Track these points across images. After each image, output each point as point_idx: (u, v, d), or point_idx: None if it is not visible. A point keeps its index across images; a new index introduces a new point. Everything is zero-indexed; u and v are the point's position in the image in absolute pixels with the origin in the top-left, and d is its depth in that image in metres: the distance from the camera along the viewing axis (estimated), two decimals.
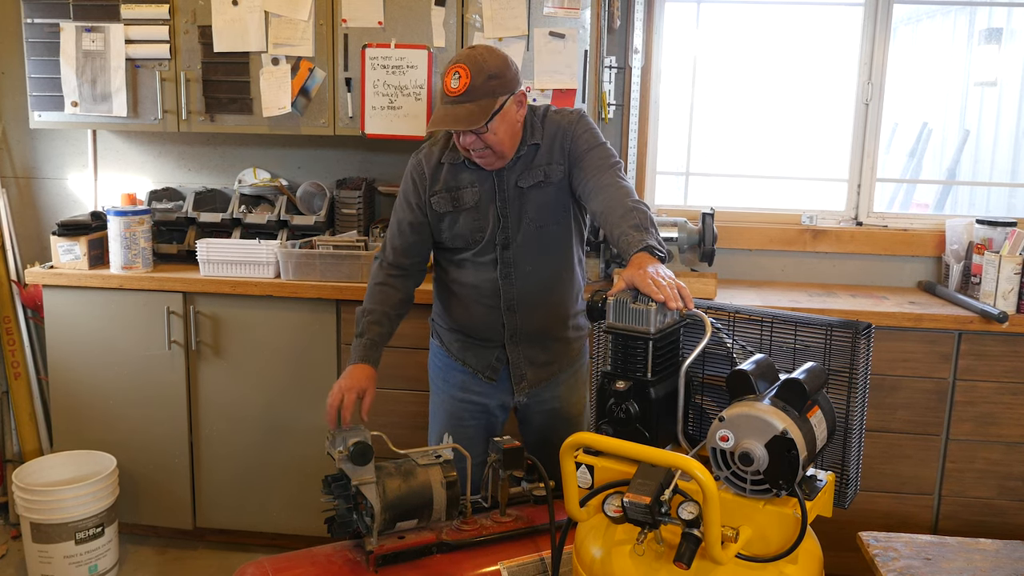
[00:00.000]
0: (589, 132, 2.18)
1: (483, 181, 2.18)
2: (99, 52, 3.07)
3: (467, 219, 2.19)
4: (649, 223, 1.94)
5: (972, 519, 2.90)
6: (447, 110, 2.03)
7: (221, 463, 3.11)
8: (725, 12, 3.56)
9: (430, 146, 2.26)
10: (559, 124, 2.19)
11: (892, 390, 2.85)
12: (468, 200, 2.19)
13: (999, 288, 2.83)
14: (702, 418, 1.73)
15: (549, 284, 2.25)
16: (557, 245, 2.24)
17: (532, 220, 2.18)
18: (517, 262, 2.20)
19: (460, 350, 2.33)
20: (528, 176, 2.17)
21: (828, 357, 1.60)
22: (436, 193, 2.21)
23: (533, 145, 2.17)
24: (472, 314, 2.27)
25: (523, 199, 2.18)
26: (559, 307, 2.28)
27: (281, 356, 3.02)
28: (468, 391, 2.33)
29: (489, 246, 2.20)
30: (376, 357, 2.21)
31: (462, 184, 2.19)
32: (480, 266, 2.22)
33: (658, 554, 1.48)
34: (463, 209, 2.19)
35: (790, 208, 3.44)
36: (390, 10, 2.95)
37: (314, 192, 3.34)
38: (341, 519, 1.85)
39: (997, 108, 3.88)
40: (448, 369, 2.37)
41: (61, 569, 2.84)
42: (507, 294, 2.22)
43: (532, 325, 2.25)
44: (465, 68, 2.02)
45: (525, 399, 2.32)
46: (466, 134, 2.06)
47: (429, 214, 2.23)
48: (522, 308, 2.23)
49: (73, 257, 3.08)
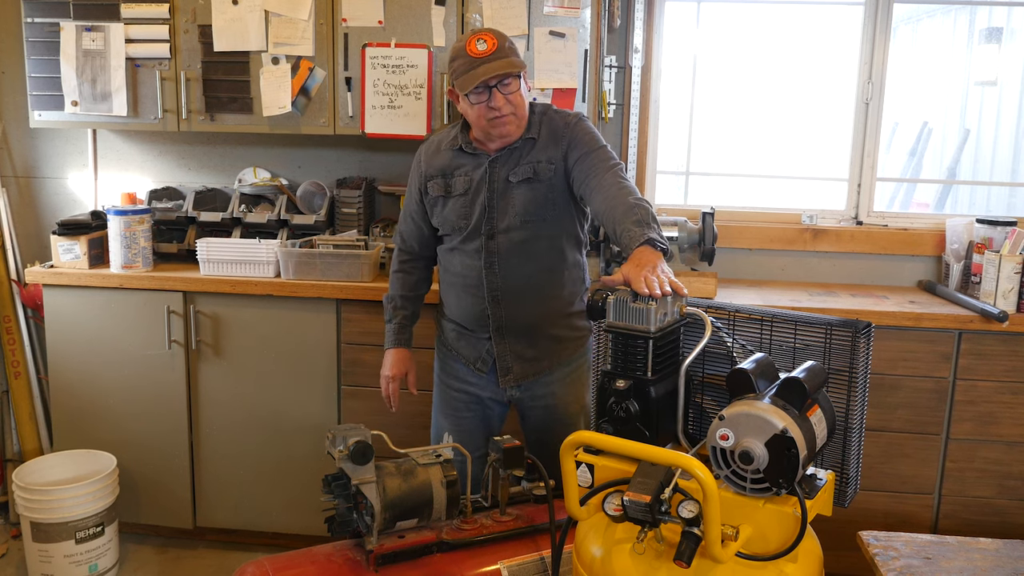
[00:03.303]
0: (589, 135, 2.22)
1: (475, 170, 2.26)
2: (99, 51, 3.07)
3: (455, 205, 2.28)
4: (651, 219, 1.96)
5: (972, 518, 2.90)
6: (485, 66, 2.10)
7: (221, 462, 3.11)
8: (725, 12, 3.55)
9: (438, 135, 2.39)
10: (557, 125, 2.24)
11: (892, 389, 2.85)
12: (458, 187, 2.27)
13: (999, 287, 2.83)
14: (702, 417, 1.73)
15: (536, 280, 2.28)
16: (545, 242, 2.27)
17: (519, 214, 2.23)
18: (502, 253, 2.25)
19: (455, 340, 2.40)
20: (518, 171, 2.22)
21: (828, 356, 1.60)
22: (432, 179, 2.32)
23: (529, 139, 2.24)
24: (461, 303, 2.34)
25: (511, 192, 2.23)
26: (547, 304, 2.30)
27: (281, 355, 3.02)
28: (463, 381, 2.40)
29: (475, 235, 2.26)
30: (407, 338, 2.46)
31: (455, 172, 2.28)
32: (466, 254, 2.29)
33: (658, 553, 1.48)
34: (453, 195, 2.28)
35: (790, 207, 3.44)
36: (390, 9, 2.95)
37: (314, 191, 3.34)
38: (341, 518, 1.85)
39: (997, 107, 3.88)
40: (446, 359, 2.45)
41: (61, 568, 2.84)
42: (491, 284, 2.27)
43: (518, 319, 2.29)
44: (489, 34, 2.14)
45: (517, 392, 2.35)
46: (497, 94, 2.12)
47: (425, 200, 2.34)
48: (506, 300, 2.28)
49: (73, 256, 3.08)
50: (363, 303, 2.93)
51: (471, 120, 2.22)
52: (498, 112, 2.14)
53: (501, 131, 2.18)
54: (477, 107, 2.15)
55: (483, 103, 2.14)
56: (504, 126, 2.17)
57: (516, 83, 2.16)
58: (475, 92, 2.13)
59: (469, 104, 2.16)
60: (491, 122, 2.16)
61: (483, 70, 2.09)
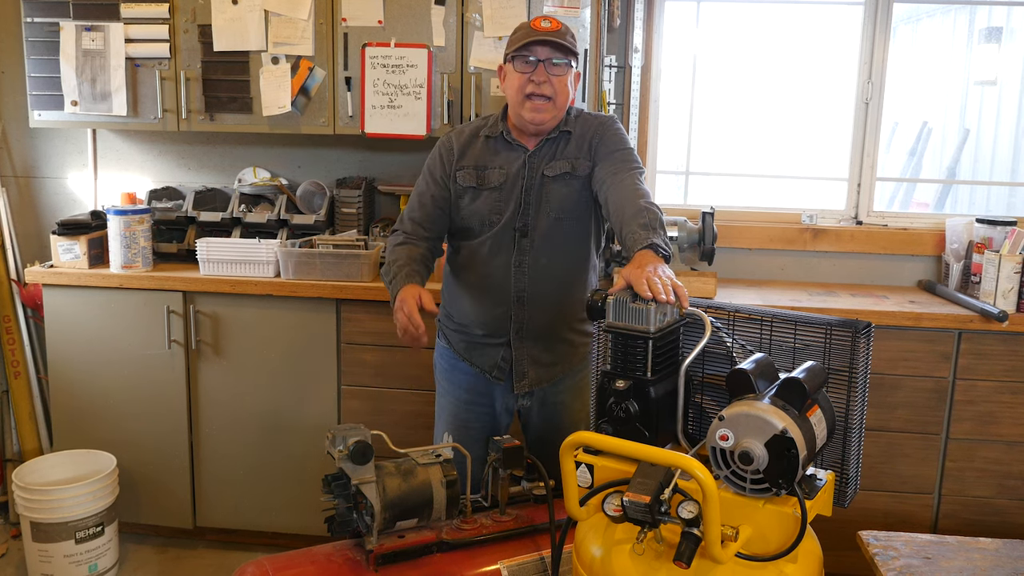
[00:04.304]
0: (618, 135, 2.22)
1: (511, 163, 2.21)
2: (99, 51, 3.07)
3: (489, 198, 2.22)
4: (658, 224, 1.96)
5: (972, 518, 2.90)
6: (542, 37, 2.11)
7: (221, 462, 3.11)
8: (725, 11, 3.55)
9: (471, 124, 2.33)
10: (591, 123, 2.24)
11: (892, 389, 2.85)
12: (493, 180, 2.21)
13: (999, 287, 2.83)
14: (702, 417, 1.73)
15: (562, 281, 2.25)
16: (575, 242, 2.25)
17: (553, 210, 2.19)
18: (533, 252, 2.21)
19: (466, 349, 2.32)
20: (555, 166, 2.19)
21: (828, 356, 1.60)
22: (463, 168, 2.24)
23: (565, 132, 2.21)
24: (479, 306, 2.27)
25: (547, 188, 2.19)
26: (569, 307, 2.27)
27: (281, 355, 3.02)
28: (473, 392, 2.33)
29: (507, 231, 2.21)
30: (416, 281, 2.15)
31: (490, 163, 2.22)
32: (493, 252, 2.22)
33: (658, 553, 1.48)
34: (486, 187, 2.22)
35: (790, 207, 3.44)
36: (390, 9, 2.95)
37: (314, 191, 3.34)
38: (341, 518, 1.84)
39: (997, 107, 3.88)
40: (454, 370, 2.36)
41: (61, 568, 2.84)
42: (518, 284, 2.22)
43: (539, 322, 2.24)
44: (555, 19, 2.14)
45: (527, 401, 2.31)
46: (542, 69, 2.12)
47: (452, 188, 2.26)
48: (532, 302, 2.23)
49: (73, 256, 3.08)
50: (363, 303, 2.93)
51: (510, 94, 2.17)
52: (537, 88, 2.11)
53: (535, 116, 2.14)
54: (519, 75, 2.13)
55: (527, 73, 2.12)
56: (539, 110, 2.13)
57: (565, 70, 2.14)
58: (522, 60, 2.12)
59: (513, 70, 2.14)
60: (528, 99, 2.13)
61: (539, 38, 2.11)
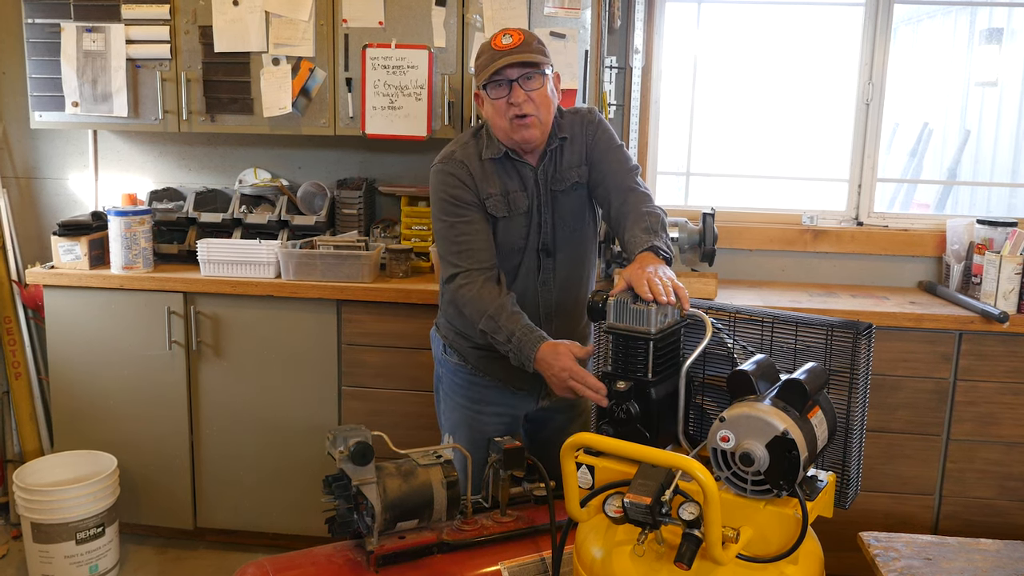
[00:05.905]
0: (608, 134, 2.18)
1: (526, 184, 2.13)
2: (100, 52, 3.07)
3: (517, 224, 2.13)
4: (660, 227, 1.95)
5: (972, 519, 2.90)
6: (507, 57, 1.99)
7: (221, 463, 3.11)
8: (725, 12, 3.55)
9: (462, 148, 2.15)
10: (577, 124, 2.17)
11: (893, 390, 2.84)
12: (521, 204, 2.12)
13: (1000, 288, 2.83)
14: (703, 418, 1.73)
15: (580, 289, 2.24)
16: (585, 249, 2.23)
17: (567, 224, 2.17)
18: (556, 268, 2.18)
19: (487, 364, 2.23)
20: (561, 179, 2.14)
21: (829, 357, 1.60)
22: (490, 196, 2.11)
23: (562, 138, 2.14)
24: None
25: (559, 203, 2.15)
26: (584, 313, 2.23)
27: (281, 356, 3.01)
28: (495, 404, 2.27)
29: (532, 253, 2.16)
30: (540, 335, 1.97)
31: (510, 188, 2.12)
32: (519, 276, 2.17)
33: (659, 554, 1.48)
34: (517, 213, 2.13)
35: (790, 208, 3.44)
36: (390, 10, 2.95)
37: (315, 192, 3.34)
38: (342, 519, 1.84)
39: (998, 108, 3.88)
40: (471, 386, 2.28)
41: (62, 569, 2.84)
42: (545, 303, 2.19)
43: (566, 332, 2.16)
44: (515, 31, 2.04)
45: (548, 403, 2.28)
46: (517, 90, 2.00)
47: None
48: (559, 317, 2.21)
49: (74, 257, 3.08)
50: (363, 304, 2.93)
51: (494, 121, 2.08)
52: (519, 110, 2.01)
53: (525, 134, 2.04)
54: (497, 103, 2.03)
55: (503, 99, 2.02)
56: (526, 129, 2.03)
57: (540, 81, 2.03)
58: (494, 85, 2.02)
59: (490, 98, 2.05)
60: (513, 124, 2.03)
61: (503, 60, 1.99)
